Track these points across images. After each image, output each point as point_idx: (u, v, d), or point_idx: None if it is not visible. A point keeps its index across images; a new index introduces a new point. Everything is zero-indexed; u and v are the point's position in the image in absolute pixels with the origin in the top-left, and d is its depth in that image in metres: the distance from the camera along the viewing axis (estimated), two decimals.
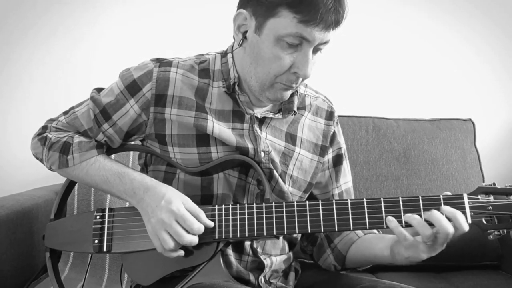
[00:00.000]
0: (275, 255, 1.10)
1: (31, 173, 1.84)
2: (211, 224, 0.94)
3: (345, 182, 1.18)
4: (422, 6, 2.07)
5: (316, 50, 0.96)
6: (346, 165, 1.19)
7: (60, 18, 1.97)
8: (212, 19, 1.95)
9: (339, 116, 1.26)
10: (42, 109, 1.92)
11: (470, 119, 1.83)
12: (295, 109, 1.08)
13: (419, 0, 2.07)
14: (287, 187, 1.07)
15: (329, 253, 1.15)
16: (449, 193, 0.91)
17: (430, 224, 0.87)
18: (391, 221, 0.90)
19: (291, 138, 1.10)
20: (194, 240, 0.92)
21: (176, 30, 1.99)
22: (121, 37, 1.99)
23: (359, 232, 1.12)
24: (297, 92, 1.09)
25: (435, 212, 0.87)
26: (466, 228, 0.86)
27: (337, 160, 1.17)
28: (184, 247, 0.95)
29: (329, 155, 1.16)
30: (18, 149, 1.86)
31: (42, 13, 1.96)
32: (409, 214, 0.89)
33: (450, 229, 0.85)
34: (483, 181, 1.74)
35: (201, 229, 0.92)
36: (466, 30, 2.08)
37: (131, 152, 1.62)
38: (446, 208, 0.88)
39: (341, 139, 1.19)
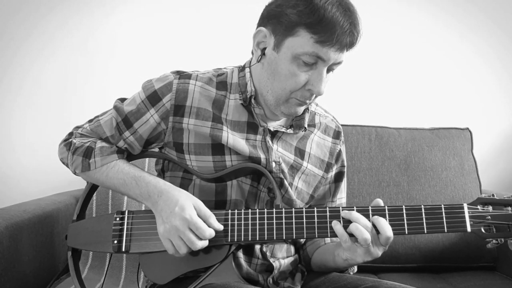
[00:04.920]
0: (283, 257, 1.13)
1: (53, 179, 1.85)
2: (221, 227, 0.97)
3: (340, 198, 1.22)
4: (423, 11, 2.09)
5: (329, 69, 0.99)
6: (344, 182, 1.22)
7: (62, 19, 1.94)
8: (234, 22, 1.96)
9: (344, 125, 1.29)
10: (53, 115, 1.92)
11: (467, 128, 1.85)
12: (306, 125, 1.12)
13: (420, 11, 2.09)
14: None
15: (301, 253, 1.20)
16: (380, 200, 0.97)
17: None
18: (335, 224, 0.94)
19: (299, 152, 1.13)
20: (205, 244, 0.95)
21: (188, 30, 1.99)
22: (127, 39, 1.98)
23: (328, 239, 1.16)
24: (308, 109, 1.12)
25: (381, 219, 0.92)
26: (390, 234, 0.91)
27: (339, 177, 1.21)
28: (197, 251, 0.98)
29: (333, 172, 1.20)
30: (45, 156, 1.86)
31: (46, 13, 1.93)
32: (352, 213, 0.93)
33: (389, 232, 0.91)
34: (480, 187, 1.76)
35: (212, 234, 0.95)
36: (465, 32, 2.11)
37: (147, 159, 1.64)
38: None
39: (345, 157, 1.22)
